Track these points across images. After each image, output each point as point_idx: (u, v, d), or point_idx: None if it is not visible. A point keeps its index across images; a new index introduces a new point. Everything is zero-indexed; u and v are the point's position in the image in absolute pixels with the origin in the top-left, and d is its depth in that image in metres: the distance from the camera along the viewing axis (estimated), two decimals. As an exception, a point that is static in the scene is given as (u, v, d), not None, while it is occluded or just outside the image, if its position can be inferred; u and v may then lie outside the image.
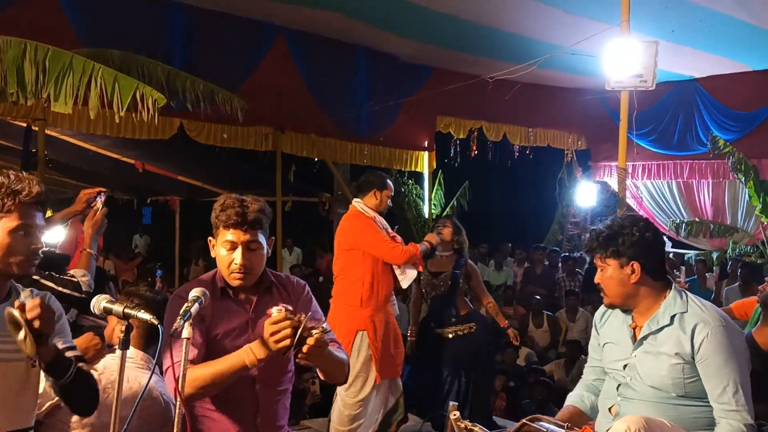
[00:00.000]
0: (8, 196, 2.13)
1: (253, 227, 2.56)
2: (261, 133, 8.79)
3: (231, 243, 2.56)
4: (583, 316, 8.82)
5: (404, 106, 9.76)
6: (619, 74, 5.49)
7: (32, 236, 2.18)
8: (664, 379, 2.52)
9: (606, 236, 2.62)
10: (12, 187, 2.14)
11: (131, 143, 8.48)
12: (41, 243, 2.22)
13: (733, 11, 7.70)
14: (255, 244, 2.58)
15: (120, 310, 2.09)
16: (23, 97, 4.67)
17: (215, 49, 8.09)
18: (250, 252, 2.57)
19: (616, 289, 2.63)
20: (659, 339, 2.56)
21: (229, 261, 2.56)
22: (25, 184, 2.16)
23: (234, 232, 2.55)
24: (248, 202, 2.58)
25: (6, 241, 2.13)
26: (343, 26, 8.65)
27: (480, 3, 7.68)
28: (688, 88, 10.83)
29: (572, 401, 2.92)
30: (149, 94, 4.71)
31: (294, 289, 2.77)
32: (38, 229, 2.21)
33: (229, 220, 2.54)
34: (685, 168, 11.14)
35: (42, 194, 2.19)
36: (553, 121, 11.81)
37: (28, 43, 4.65)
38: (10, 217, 2.14)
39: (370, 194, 5.05)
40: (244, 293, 2.66)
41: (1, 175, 2.18)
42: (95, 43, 6.20)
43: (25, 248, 2.16)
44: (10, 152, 9.15)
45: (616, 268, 2.60)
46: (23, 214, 2.15)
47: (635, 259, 2.57)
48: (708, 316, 2.51)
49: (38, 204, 2.20)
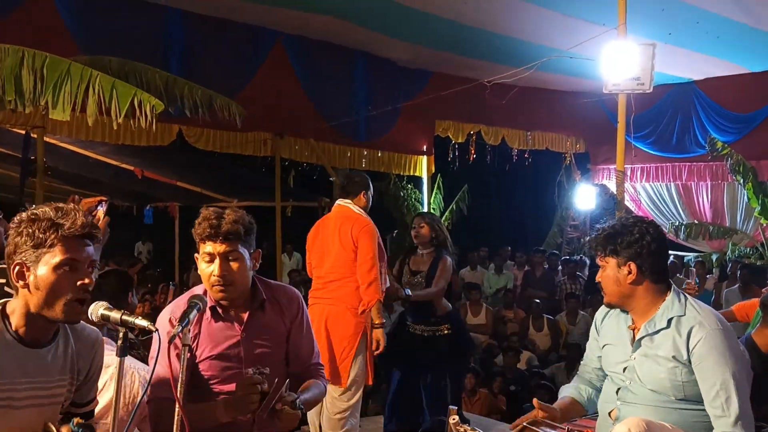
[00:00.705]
0: (50, 230, 2.01)
1: (227, 238, 2.53)
2: (260, 139, 8.79)
3: (209, 255, 2.55)
4: (583, 319, 8.82)
5: (403, 110, 9.76)
6: (617, 77, 5.50)
7: (79, 271, 2.03)
8: (662, 381, 2.52)
9: (607, 235, 2.64)
10: (54, 221, 2.02)
11: (130, 150, 8.49)
12: (90, 279, 2.06)
13: (731, 13, 7.71)
14: (233, 254, 2.55)
15: (117, 317, 2.06)
16: (21, 104, 4.67)
17: (213, 56, 8.10)
18: (228, 263, 2.54)
19: (613, 288, 2.64)
20: (656, 342, 2.56)
21: (209, 274, 2.55)
22: (69, 217, 2.03)
23: (211, 244, 2.54)
24: (225, 214, 2.57)
25: (50, 279, 2.00)
26: (341, 31, 8.67)
27: (477, 7, 7.69)
28: (686, 90, 10.84)
29: (568, 392, 2.93)
30: (147, 100, 4.71)
31: (288, 305, 2.73)
32: (86, 263, 2.06)
33: (204, 233, 2.55)
34: (684, 170, 11.14)
35: (87, 225, 2.06)
36: (552, 124, 11.82)
37: (26, 51, 4.65)
38: (53, 252, 2.00)
39: (360, 195, 4.85)
40: (234, 310, 2.63)
41: (43, 208, 2.06)
42: (93, 51, 6.21)
43: (71, 285, 2.01)
44: (9, 160, 9.17)
45: (614, 267, 2.61)
46: (68, 248, 2.02)
47: (632, 259, 2.57)
48: (704, 319, 2.50)
49: (85, 236, 2.06)
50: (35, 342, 2.07)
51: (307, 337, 2.79)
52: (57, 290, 2.00)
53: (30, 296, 2.03)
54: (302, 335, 2.77)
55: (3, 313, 2.07)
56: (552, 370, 7.81)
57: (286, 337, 2.73)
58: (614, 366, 2.70)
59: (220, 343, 2.59)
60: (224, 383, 2.59)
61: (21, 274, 2.03)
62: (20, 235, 2.03)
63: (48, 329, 2.10)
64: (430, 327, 5.33)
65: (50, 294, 2.00)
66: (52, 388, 2.08)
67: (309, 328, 2.80)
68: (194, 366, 2.56)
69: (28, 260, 2.02)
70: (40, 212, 2.05)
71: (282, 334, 2.71)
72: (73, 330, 2.19)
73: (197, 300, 2.43)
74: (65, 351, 2.15)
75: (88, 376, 2.23)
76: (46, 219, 2.02)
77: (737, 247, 10.40)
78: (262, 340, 2.64)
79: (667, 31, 8.01)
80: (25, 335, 2.05)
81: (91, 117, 4.71)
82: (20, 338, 2.05)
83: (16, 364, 2.03)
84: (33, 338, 2.07)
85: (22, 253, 2.02)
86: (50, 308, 2.02)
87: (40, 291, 2.01)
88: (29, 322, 2.05)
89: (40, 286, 2.00)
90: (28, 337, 2.06)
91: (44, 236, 2.00)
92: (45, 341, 2.10)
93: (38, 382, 2.06)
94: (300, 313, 2.76)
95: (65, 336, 2.16)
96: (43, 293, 2.00)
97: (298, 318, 2.75)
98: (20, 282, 2.03)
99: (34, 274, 2.01)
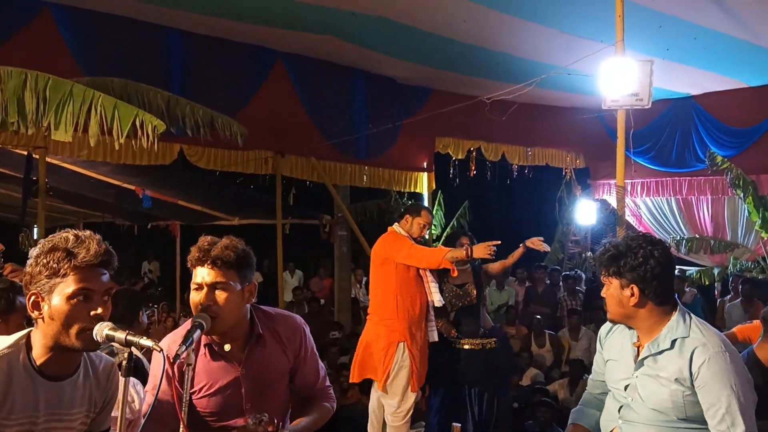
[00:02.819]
0: (64, 260, 1.99)
1: (216, 264, 2.43)
2: (261, 157, 8.82)
3: (197, 284, 2.46)
4: (585, 334, 8.80)
5: (403, 127, 9.80)
6: (615, 93, 5.52)
7: (93, 301, 2.02)
8: (665, 402, 2.50)
9: (611, 256, 2.60)
10: (68, 249, 2.00)
11: (132, 169, 8.51)
12: (105, 308, 2.04)
13: (728, 28, 7.75)
14: (221, 285, 2.43)
15: (122, 338, 2.02)
16: (24, 126, 4.70)
17: (215, 75, 8.15)
18: (214, 292, 2.43)
19: (615, 308, 2.63)
20: (659, 363, 2.54)
21: (197, 303, 2.44)
22: (83, 245, 2.01)
23: (199, 270, 2.46)
24: (218, 241, 2.49)
25: (64, 309, 1.98)
26: (340, 50, 8.73)
27: (476, 25, 7.75)
28: (685, 105, 10.87)
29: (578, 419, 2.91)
30: (149, 120, 4.74)
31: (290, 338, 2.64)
32: (101, 292, 2.04)
33: (194, 257, 2.47)
34: (684, 185, 11.16)
35: (101, 254, 2.03)
36: (552, 140, 11.85)
37: (29, 73, 4.69)
38: (66, 281, 1.99)
39: (404, 219, 5.51)
40: (231, 345, 2.53)
41: (63, 235, 2.04)
42: (95, 72, 6.25)
43: (85, 315, 2.00)
44: (11, 180, 9.18)
45: (617, 288, 2.59)
46: (82, 277, 2.00)
47: (635, 282, 2.54)
48: (708, 340, 2.47)
49: (100, 265, 2.04)
50: (56, 375, 2.07)
51: (312, 365, 2.72)
52: (71, 320, 1.99)
53: (45, 327, 2.02)
54: (307, 365, 2.71)
55: (27, 344, 2.06)
56: (554, 387, 7.78)
57: (290, 369, 2.66)
58: (616, 382, 2.69)
59: (218, 380, 2.52)
60: (224, 419, 2.54)
61: (36, 305, 2.03)
62: (37, 265, 2.02)
63: (69, 361, 2.09)
64: (478, 340, 5.55)
65: (65, 324, 1.99)
66: (69, 420, 2.08)
67: (314, 356, 2.73)
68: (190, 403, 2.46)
69: (43, 290, 2.01)
70: (58, 240, 2.03)
71: (284, 368, 2.64)
72: (91, 362, 2.18)
73: (200, 320, 2.39)
74: (84, 383, 2.15)
75: (103, 407, 2.23)
76: (61, 249, 2.00)
77: (739, 261, 10.39)
78: (263, 376, 2.57)
79: (665, 47, 8.05)
80: (46, 367, 2.05)
81: (93, 138, 4.73)
82: (40, 371, 2.04)
83: (35, 397, 2.02)
84: (54, 371, 2.06)
85: (37, 283, 2.02)
86: (67, 337, 2.01)
87: (55, 321, 2.00)
88: (50, 353, 2.04)
89: (54, 316, 2.00)
90: (49, 369, 2.05)
91: (58, 266, 1.99)
92: (66, 374, 2.09)
93: (57, 414, 2.06)
94: (303, 344, 2.68)
95: (85, 368, 2.15)
96: (57, 323, 2.00)
97: (302, 350, 2.68)
98: (35, 312, 2.03)
99: (49, 304, 2.00)
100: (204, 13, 7.49)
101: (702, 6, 7.17)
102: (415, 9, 7.42)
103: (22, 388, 2.00)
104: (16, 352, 2.03)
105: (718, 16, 7.42)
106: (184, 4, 7.28)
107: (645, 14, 7.02)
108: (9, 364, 2.00)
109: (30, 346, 2.05)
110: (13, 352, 2.03)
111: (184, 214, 11.78)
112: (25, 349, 2.04)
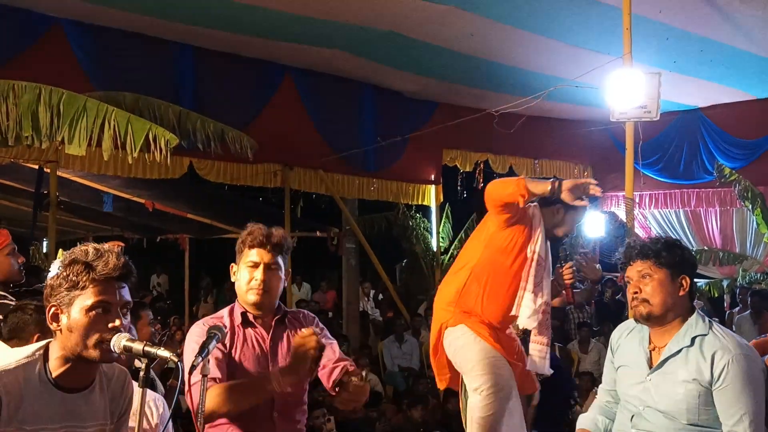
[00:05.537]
0: (83, 273, 2.00)
1: (275, 249, 2.77)
2: (270, 171, 8.87)
3: (254, 262, 2.76)
4: (595, 347, 8.75)
5: (410, 140, 9.83)
6: (623, 106, 5.53)
7: (111, 313, 2.03)
8: (678, 403, 2.52)
9: (665, 244, 2.65)
10: (88, 263, 2.02)
11: (142, 183, 8.56)
12: (123, 321, 2.05)
13: (734, 41, 7.78)
14: (275, 265, 2.78)
15: (140, 349, 2.02)
16: (38, 140, 4.75)
17: (224, 90, 8.22)
18: (270, 272, 2.77)
19: (662, 297, 2.60)
20: (678, 361, 2.57)
21: (250, 278, 2.76)
22: (102, 259, 2.03)
23: (258, 251, 2.76)
24: (274, 229, 2.83)
25: (83, 321, 1.99)
26: (348, 64, 8.78)
27: (484, 39, 7.80)
28: (693, 117, 10.89)
29: (585, 424, 2.92)
30: (162, 135, 4.78)
31: (305, 320, 2.94)
32: (119, 305, 2.05)
33: (255, 240, 2.77)
34: (692, 197, 11.15)
35: (120, 267, 2.05)
36: (559, 152, 11.87)
37: (43, 88, 4.74)
38: (85, 294, 2.00)
39: None
40: (262, 319, 2.82)
41: (84, 248, 2.07)
42: (106, 86, 6.33)
43: (103, 327, 2.00)
44: (22, 194, 9.25)
45: (666, 277, 2.61)
46: (101, 290, 2.01)
47: (686, 273, 2.63)
48: (728, 343, 2.51)
49: (119, 278, 2.06)
50: (71, 387, 2.07)
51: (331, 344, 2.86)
52: (89, 332, 2.00)
53: (64, 339, 2.04)
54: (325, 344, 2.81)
55: (45, 356, 2.07)
56: (564, 399, 7.74)
57: None
58: (628, 388, 2.70)
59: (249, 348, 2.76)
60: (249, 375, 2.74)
61: (55, 317, 2.05)
62: (58, 278, 2.05)
63: (85, 373, 2.10)
64: None
65: (83, 336, 2.01)
66: None
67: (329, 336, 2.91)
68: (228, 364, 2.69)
69: (62, 302, 2.03)
70: (78, 254, 2.06)
71: None
72: (106, 375, 2.19)
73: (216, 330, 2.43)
74: (101, 396, 2.15)
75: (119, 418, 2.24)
76: (81, 262, 2.03)
77: (747, 273, 10.36)
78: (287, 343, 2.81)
79: (672, 59, 8.08)
80: (62, 380, 2.06)
81: (107, 152, 4.78)
82: (56, 383, 2.05)
83: (50, 408, 2.03)
84: (69, 383, 2.07)
85: (57, 295, 2.04)
86: (85, 348, 2.02)
87: (74, 333, 2.02)
88: (66, 365, 2.05)
89: (72, 328, 2.01)
90: (65, 381, 2.06)
91: (77, 278, 2.01)
92: (82, 387, 2.10)
93: (70, 427, 2.06)
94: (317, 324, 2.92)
95: (101, 381, 2.16)
96: (76, 335, 2.01)
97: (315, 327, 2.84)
98: (54, 324, 2.05)
99: (68, 316, 2.02)
100: (213, 28, 7.57)
101: (709, 19, 7.21)
102: (423, 23, 7.47)
103: (36, 399, 2.01)
104: (33, 363, 2.05)
105: (725, 29, 7.45)
106: (194, 20, 7.35)
107: (652, 27, 7.06)
108: (25, 374, 2.02)
109: (47, 358, 2.07)
110: (30, 362, 2.05)
111: (192, 228, 11.82)
112: (42, 360, 2.06)
